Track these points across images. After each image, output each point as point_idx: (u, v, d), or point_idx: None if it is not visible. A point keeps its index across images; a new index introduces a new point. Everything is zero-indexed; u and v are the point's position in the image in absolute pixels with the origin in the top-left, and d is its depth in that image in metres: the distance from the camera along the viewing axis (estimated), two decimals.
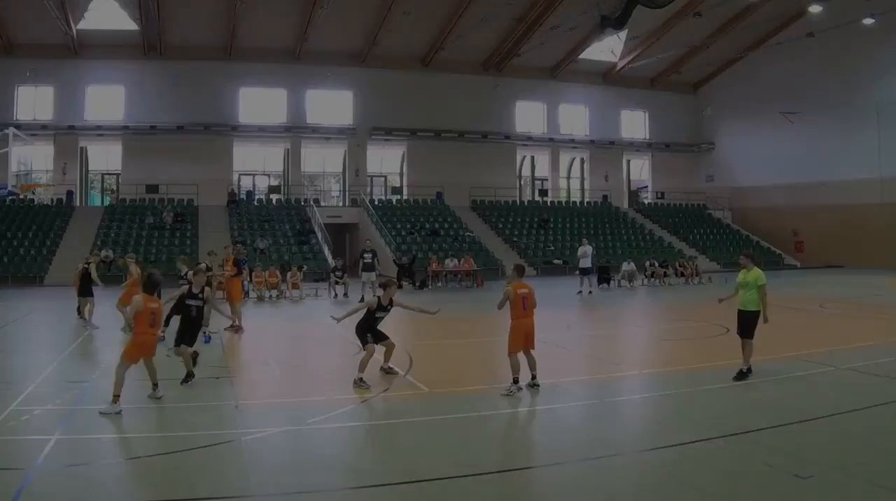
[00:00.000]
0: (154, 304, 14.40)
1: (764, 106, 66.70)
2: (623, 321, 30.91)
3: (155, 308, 14.38)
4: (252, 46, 60.20)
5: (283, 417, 13.73)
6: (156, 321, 14.47)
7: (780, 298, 32.12)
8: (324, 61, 61.91)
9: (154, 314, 14.24)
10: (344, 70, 63.08)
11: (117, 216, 56.17)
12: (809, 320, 28.77)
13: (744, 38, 65.40)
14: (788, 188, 65.65)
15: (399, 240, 55.46)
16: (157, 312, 14.52)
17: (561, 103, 70.75)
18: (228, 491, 9.91)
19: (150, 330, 14.21)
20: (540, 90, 69.43)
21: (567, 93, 70.60)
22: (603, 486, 10.20)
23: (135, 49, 59.32)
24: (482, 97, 66.13)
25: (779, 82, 65.83)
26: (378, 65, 63.59)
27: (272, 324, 27.36)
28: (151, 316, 14.15)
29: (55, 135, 58.76)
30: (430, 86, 65.26)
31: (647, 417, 14.22)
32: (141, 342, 14.13)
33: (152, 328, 14.32)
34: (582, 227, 62.25)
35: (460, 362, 19.38)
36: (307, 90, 63.95)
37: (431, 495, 9.82)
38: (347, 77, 63.60)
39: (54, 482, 10.31)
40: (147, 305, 14.13)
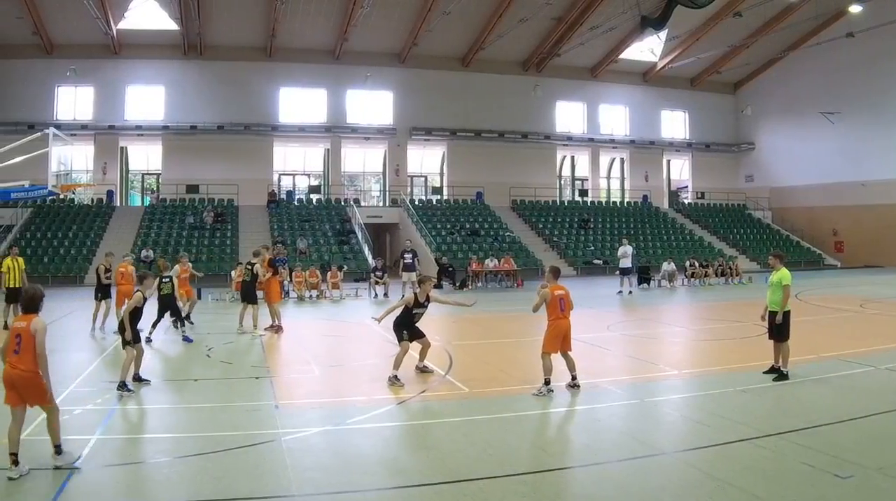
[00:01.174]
0: (22, 323, 10.51)
1: (804, 106, 64.61)
2: (663, 321, 29.58)
3: (21, 327, 10.43)
4: (292, 47, 58.75)
5: (322, 417, 13.37)
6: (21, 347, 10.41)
7: (821, 298, 33.86)
8: (364, 61, 60.01)
9: (19, 335, 10.34)
10: (384, 70, 61.18)
11: (157, 216, 54.42)
12: (849, 320, 27.48)
13: (784, 38, 63.06)
14: (828, 188, 63.51)
15: (439, 240, 53.20)
16: (23, 333, 10.35)
17: (601, 103, 68.33)
18: (268, 491, 9.57)
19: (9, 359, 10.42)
20: (580, 90, 66.93)
21: (607, 94, 68.19)
22: (642, 486, 9.79)
23: (175, 49, 57.95)
24: (522, 97, 63.88)
25: (819, 82, 63.70)
26: (418, 65, 61.73)
27: (312, 324, 26.06)
28: (16, 340, 10.33)
29: (95, 134, 57.22)
30: (470, 87, 63.18)
31: (686, 417, 13.55)
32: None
33: (14, 356, 10.35)
34: (622, 227, 60.05)
35: (500, 362, 18.67)
36: (347, 90, 61.84)
37: (471, 494, 9.39)
38: (387, 77, 61.63)
39: (94, 482, 9.89)
40: (14, 325, 10.76)
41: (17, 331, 10.32)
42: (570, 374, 14.94)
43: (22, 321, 10.49)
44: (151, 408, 14.20)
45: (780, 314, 15.92)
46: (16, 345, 10.21)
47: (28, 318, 10.42)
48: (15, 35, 54.03)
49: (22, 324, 10.36)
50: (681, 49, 64.15)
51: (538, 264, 51.07)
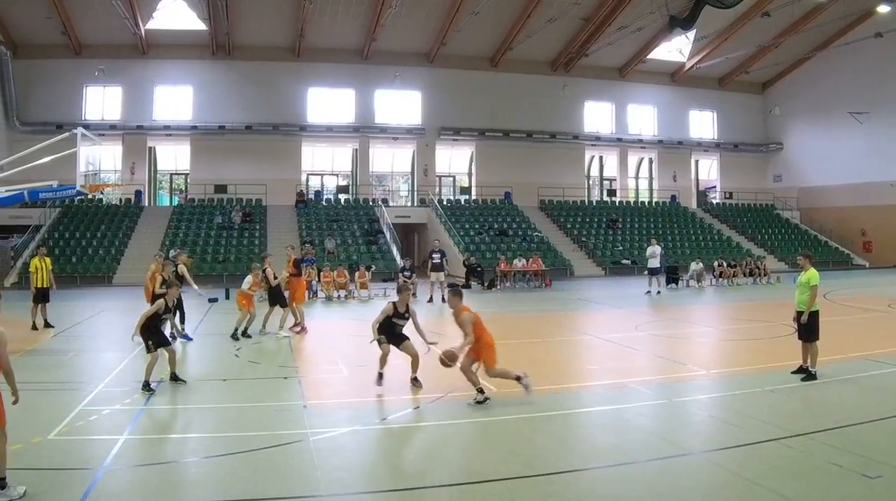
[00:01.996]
0: None
1: (832, 106, 62.60)
2: (691, 321, 28.77)
3: None
4: (320, 46, 57.19)
5: (351, 417, 13.13)
6: None
7: (849, 298, 33.07)
8: (392, 61, 58.60)
9: None
10: (412, 70, 59.65)
11: (185, 216, 53.27)
12: (878, 320, 26.83)
13: (812, 38, 60.95)
14: (857, 188, 61.41)
15: (467, 240, 51.95)
16: None
17: (629, 103, 66.30)
18: (296, 491, 9.47)
19: None
20: (608, 90, 64.98)
21: (635, 94, 66.15)
22: (671, 486, 9.56)
23: (203, 49, 56.67)
24: (550, 97, 62.06)
25: (847, 82, 61.64)
26: (446, 65, 60.04)
27: (340, 324, 25.49)
28: None
29: (123, 134, 56.04)
30: (498, 87, 61.31)
31: (714, 417, 13.33)
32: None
33: None
34: (650, 227, 58.18)
35: (527, 362, 17.09)
36: (375, 90, 60.23)
37: (498, 494, 9.20)
38: (416, 77, 60.07)
39: (122, 482, 9.80)
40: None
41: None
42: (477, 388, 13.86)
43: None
44: (180, 408, 14.12)
45: (805, 314, 15.61)
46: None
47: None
48: (44, 35, 53.10)
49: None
50: (709, 49, 62.02)
51: (567, 264, 50.81)
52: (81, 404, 13.44)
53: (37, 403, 13.03)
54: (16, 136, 51.57)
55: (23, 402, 10.11)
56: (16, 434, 10.26)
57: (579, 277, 49.23)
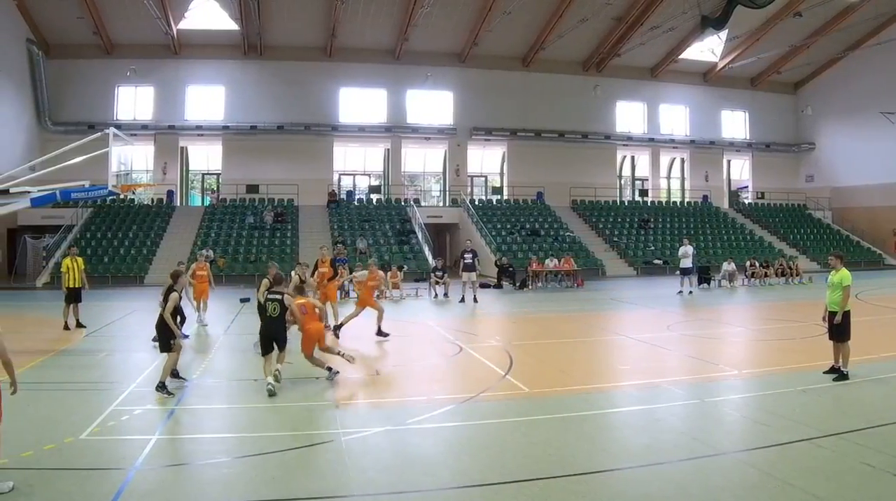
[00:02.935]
0: None
1: (864, 105, 60.25)
2: (723, 321, 27.95)
3: None
4: (352, 46, 55.56)
5: (382, 417, 12.77)
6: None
7: (881, 298, 32.28)
8: (424, 61, 56.87)
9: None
10: (444, 70, 57.84)
11: (217, 216, 51.69)
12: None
13: (844, 38, 58.82)
14: (889, 188, 59.36)
15: (499, 240, 50.31)
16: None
17: (661, 103, 64.06)
18: (328, 491, 9.19)
19: None
20: (640, 90, 62.81)
21: (667, 94, 63.93)
22: (703, 486, 9.31)
23: (235, 49, 55.11)
24: (582, 97, 60.03)
25: (879, 82, 59.33)
26: (478, 65, 58.16)
27: (372, 324, 23.78)
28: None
29: (155, 134, 54.50)
30: (530, 86, 59.38)
31: (746, 417, 12.86)
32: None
33: None
34: (682, 227, 56.29)
35: (559, 362, 17.92)
36: (407, 90, 58.42)
37: (531, 494, 8.94)
38: (448, 77, 58.19)
39: (154, 482, 9.49)
40: None
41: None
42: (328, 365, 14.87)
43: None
44: (211, 408, 13.78)
45: (839, 314, 15.17)
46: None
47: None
48: (75, 35, 51.89)
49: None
50: (741, 49, 60.02)
51: (599, 264, 49.16)
52: (113, 404, 13.15)
53: (69, 403, 13.17)
54: (48, 136, 50.41)
55: (55, 402, 11.29)
56: (48, 434, 10.88)
57: (611, 277, 47.64)
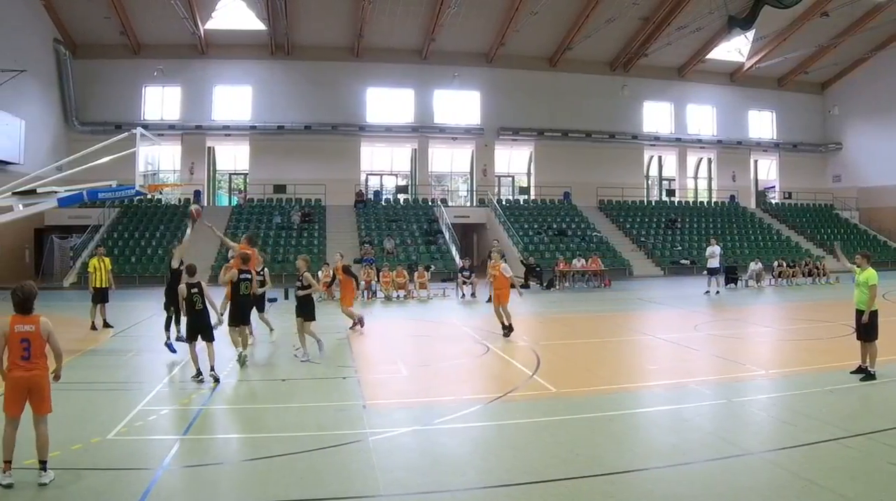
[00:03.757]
0: (28, 326, 8.95)
1: (892, 105, 58.62)
2: (750, 321, 27.34)
3: (28, 332, 8.91)
4: (379, 46, 54.01)
5: (410, 417, 12.48)
6: (32, 351, 8.94)
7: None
8: (451, 61, 55.30)
9: (28, 340, 8.90)
10: (471, 70, 56.16)
11: (245, 216, 50.04)
12: None
13: (871, 37, 56.92)
14: None
15: (526, 240, 48.63)
16: (33, 337, 8.98)
17: (688, 103, 62.15)
18: (355, 492, 8.97)
19: (19, 365, 8.88)
20: (667, 90, 60.94)
21: (694, 94, 62.05)
22: (730, 486, 9.02)
23: (262, 49, 53.73)
24: (609, 97, 58.33)
25: None
26: (505, 65, 56.35)
27: (399, 324, 24.85)
28: (22, 347, 8.86)
29: (182, 134, 53.19)
30: (557, 86, 57.56)
31: (773, 417, 12.55)
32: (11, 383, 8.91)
33: (26, 362, 8.91)
34: (709, 227, 54.26)
35: (587, 362, 17.63)
36: (434, 90, 56.72)
37: (558, 494, 8.73)
38: (475, 77, 56.54)
39: (181, 482, 9.43)
40: (14, 328, 8.89)
41: (23, 335, 8.86)
42: None
43: (26, 324, 8.91)
44: (238, 408, 13.57)
45: (866, 314, 14.85)
46: (24, 351, 8.84)
47: (33, 320, 8.98)
48: (102, 35, 50.64)
49: (28, 328, 8.88)
50: (768, 49, 58.11)
51: (626, 264, 47.60)
52: (140, 404, 12.92)
53: (96, 403, 12.98)
54: (75, 136, 49.16)
55: (83, 402, 11.47)
56: (76, 433, 10.64)
57: (638, 277, 46.18)
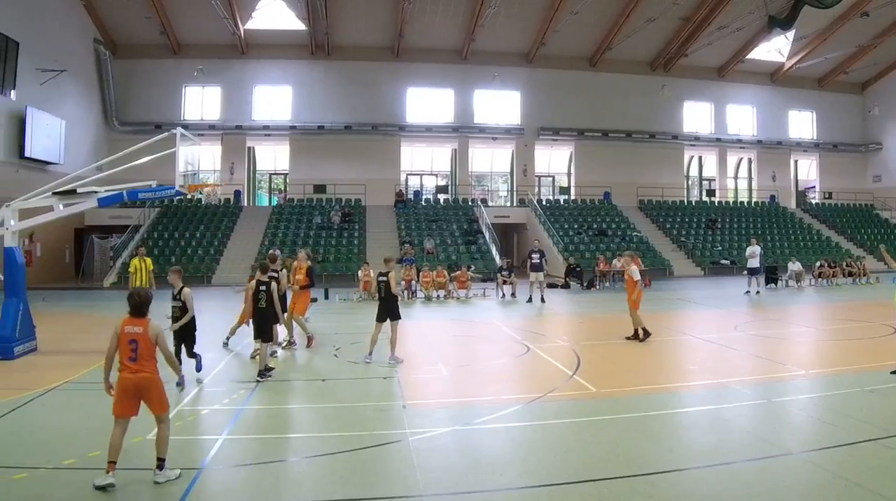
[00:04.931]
0: (137, 328, 8.96)
1: None
2: (790, 321, 26.12)
3: (137, 334, 8.92)
4: (419, 46, 52.14)
5: (450, 417, 12.00)
6: (139, 353, 8.92)
7: None
8: (491, 61, 53.05)
9: (136, 341, 8.89)
10: (511, 70, 53.82)
11: (285, 216, 48.28)
12: None
13: None
14: None
15: (566, 240, 46.53)
16: (141, 339, 8.95)
17: (728, 103, 59.58)
18: (396, 491, 8.60)
19: (127, 366, 8.88)
20: (707, 90, 58.40)
21: (734, 94, 59.45)
22: (770, 486, 8.64)
23: (302, 49, 51.75)
24: (649, 97, 55.79)
25: None
26: (545, 65, 53.98)
27: (439, 324, 23.84)
28: (130, 348, 8.88)
29: (223, 134, 51.23)
30: (597, 86, 55.19)
31: (813, 417, 11.95)
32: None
33: (133, 364, 8.89)
34: (749, 227, 51.96)
35: (627, 362, 16.73)
36: (474, 90, 54.48)
37: (598, 494, 8.41)
38: (515, 77, 54.15)
39: (222, 482, 9.05)
40: (124, 329, 8.94)
41: (132, 337, 8.90)
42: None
43: (136, 326, 8.96)
44: (279, 408, 12.85)
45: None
46: (131, 352, 8.84)
47: (142, 323, 9.00)
48: (143, 35, 48.99)
49: (137, 330, 8.93)
50: (808, 49, 55.66)
51: (666, 264, 45.62)
52: (181, 404, 12.43)
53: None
54: (115, 136, 47.67)
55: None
56: None
57: (678, 277, 44.32)
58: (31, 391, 13.27)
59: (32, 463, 9.22)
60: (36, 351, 17.92)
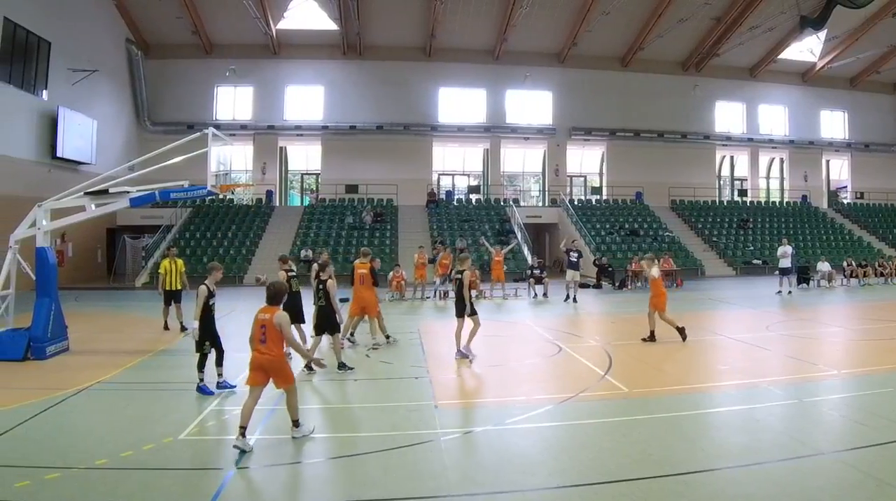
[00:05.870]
0: (266, 315, 9.94)
1: None
2: (822, 321, 25.35)
3: (265, 320, 9.90)
4: (451, 47, 50.16)
5: (482, 417, 11.77)
6: (267, 337, 9.89)
7: None
8: (523, 61, 51.00)
9: (265, 327, 9.87)
10: (543, 70, 51.68)
11: (317, 216, 46.60)
12: None
13: None
14: None
15: (598, 240, 44.83)
16: (268, 325, 9.90)
17: (760, 103, 57.22)
18: (427, 491, 8.35)
19: (258, 348, 9.93)
20: (739, 90, 56.11)
21: (766, 94, 57.03)
22: (801, 486, 8.40)
23: (334, 49, 49.82)
24: (681, 97, 53.65)
25: None
26: (577, 65, 51.77)
27: (472, 324, 20.91)
28: (261, 332, 9.85)
29: (254, 134, 49.51)
30: (628, 86, 52.93)
31: (845, 417, 11.31)
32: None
33: (262, 345, 9.88)
34: (781, 227, 49.76)
35: (658, 362, 15.99)
36: (506, 90, 52.32)
37: (629, 494, 8.12)
38: (547, 77, 51.97)
39: (253, 481, 8.87)
40: (257, 316, 10.00)
41: (262, 323, 9.85)
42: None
43: (266, 313, 9.92)
44: (311, 408, 12.21)
45: None
46: (262, 335, 9.81)
47: (271, 311, 9.93)
48: (175, 35, 47.37)
49: (266, 316, 9.86)
50: (840, 49, 53.36)
51: (698, 264, 43.82)
52: (212, 404, 12.23)
53: (168, 403, 12.30)
54: (147, 136, 46.28)
55: (154, 402, 11.83)
56: (148, 433, 10.19)
57: (710, 277, 42.67)
58: (63, 391, 12.87)
59: (65, 463, 8.97)
60: (68, 351, 17.41)
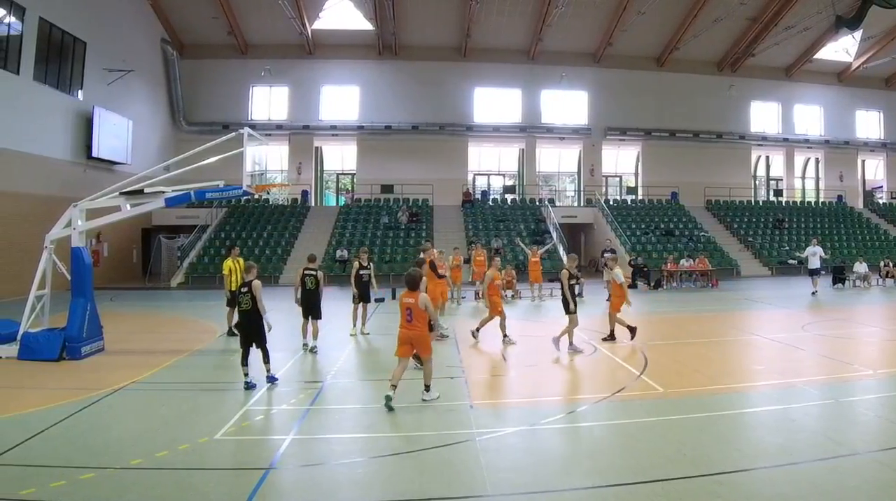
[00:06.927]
0: (410, 299, 11.39)
1: None
2: (858, 321, 24.03)
3: (410, 303, 11.38)
4: (487, 47, 48.21)
5: (517, 417, 11.06)
6: (413, 316, 11.42)
7: None
8: (558, 61, 48.93)
9: (410, 309, 11.39)
10: (578, 70, 49.47)
11: (352, 216, 45.04)
12: None
13: None
14: None
15: (633, 240, 43.08)
16: (413, 307, 11.41)
17: (795, 103, 54.65)
18: (463, 491, 8.03)
19: (404, 325, 11.45)
20: (774, 90, 53.57)
21: (801, 93, 54.49)
22: (837, 486, 8.01)
23: (369, 49, 47.91)
24: (717, 97, 51.31)
25: None
26: (613, 64, 49.63)
27: (507, 324, 20.69)
28: (407, 313, 11.40)
29: (290, 134, 47.66)
30: (664, 86, 50.69)
31: (881, 417, 10.75)
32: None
33: (409, 323, 11.40)
34: (816, 228, 47.53)
35: (694, 362, 15.31)
36: (542, 90, 50.08)
37: (665, 494, 7.73)
38: (582, 77, 49.78)
39: (289, 481, 8.49)
40: (402, 300, 11.52)
41: (407, 306, 11.23)
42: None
43: (409, 297, 11.24)
44: (346, 408, 11.71)
45: None
46: (408, 315, 11.22)
47: (414, 295, 11.24)
48: (210, 35, 45.69)
49: (410, 300, 11.21)
50: (876, 49, 50.83)
51: (733, 264, 42.03)
52: (248, 404, 11.75)
53: (204, 403, 11.87)
54: (182, 136, 44.86)
55: (190, 402, 11.69)
56: (183, 433, 9.91)
57: (746, 277, 41.00)
58: (99, 391, 12.53)
59: (100, 464, 8.66)
60: (103, 351, 16.96)
